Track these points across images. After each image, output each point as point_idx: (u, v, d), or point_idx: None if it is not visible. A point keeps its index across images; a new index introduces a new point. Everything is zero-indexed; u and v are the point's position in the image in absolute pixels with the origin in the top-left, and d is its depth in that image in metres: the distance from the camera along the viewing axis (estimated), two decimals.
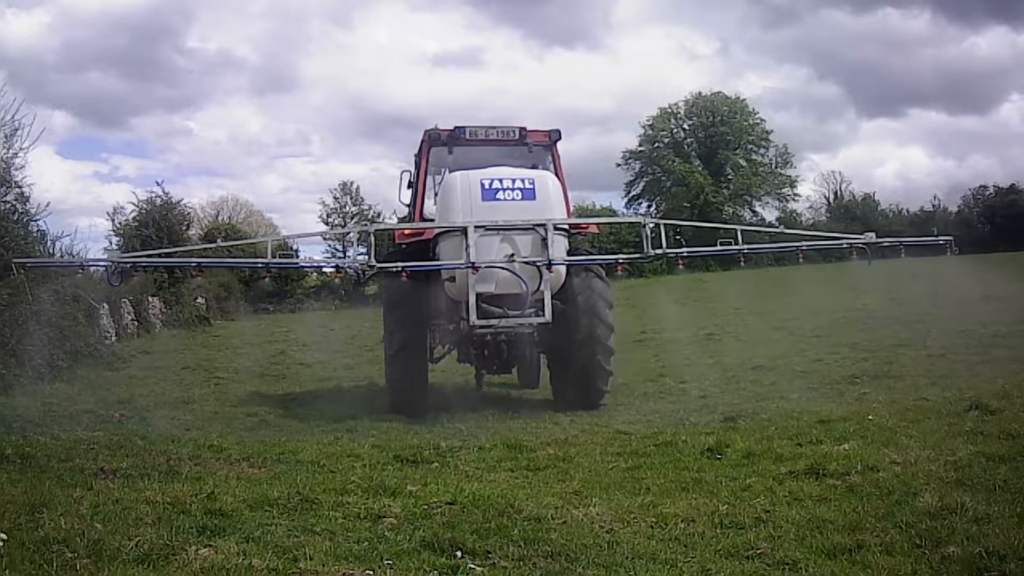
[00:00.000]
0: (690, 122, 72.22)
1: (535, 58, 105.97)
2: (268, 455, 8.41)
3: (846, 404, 11.31)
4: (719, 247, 12.77)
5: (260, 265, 12.67)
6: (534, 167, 12.98)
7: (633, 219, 15.38)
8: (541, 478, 7.35)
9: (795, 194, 71.69)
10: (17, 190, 19.23)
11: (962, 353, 14.93)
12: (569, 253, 12.30)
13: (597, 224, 15.74)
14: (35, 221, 19.76)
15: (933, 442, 7.80)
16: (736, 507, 6.21)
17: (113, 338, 27.29)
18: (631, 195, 72.88)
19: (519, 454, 8.42)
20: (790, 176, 71.77)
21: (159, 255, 16.55)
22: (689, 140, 72.33)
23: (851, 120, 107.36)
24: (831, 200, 72.05)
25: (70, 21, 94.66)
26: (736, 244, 12.65)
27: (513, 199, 11.85)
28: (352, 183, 69.93)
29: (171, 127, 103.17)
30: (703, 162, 70.28)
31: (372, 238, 11.83)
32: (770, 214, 71.24)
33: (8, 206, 18.78)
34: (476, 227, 11.43)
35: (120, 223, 37.27)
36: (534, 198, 11.90)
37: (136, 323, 31.03)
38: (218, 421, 11.66)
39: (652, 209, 71.59)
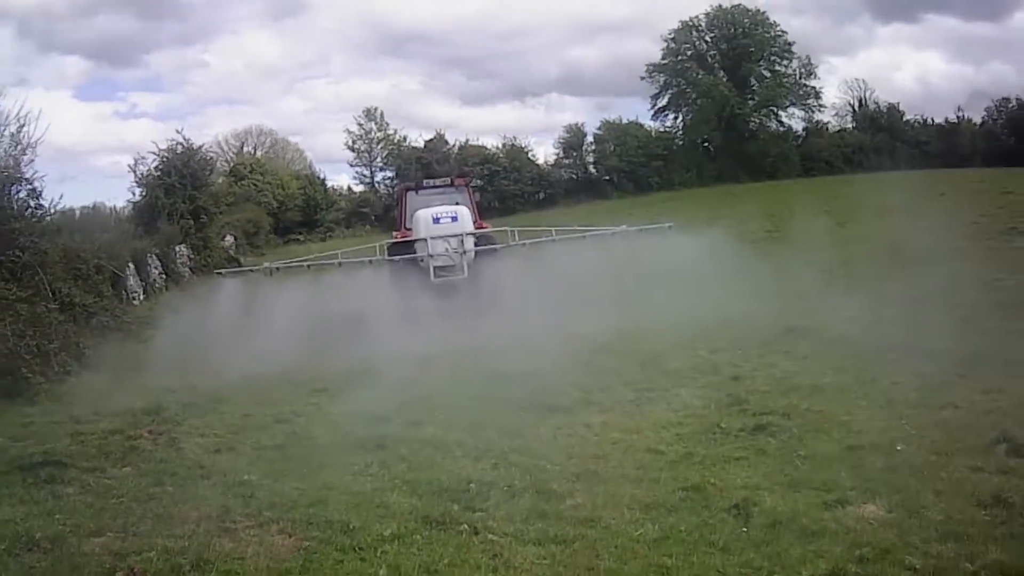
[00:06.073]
0: (712, 35, 71.47)
1: None
2: (297, 509, 8.34)
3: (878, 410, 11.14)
4: (532, 239, 23.77)
5: (336, 263, 23.06)
6: (458, 203, 22.97)
7: (499, 229, 25.32)
8: (568, 555, 7.24)
9: (820, 105, 71.95)
10: (29, 186, 19.11)
11: None
12: (477, 242, 22.15)
13: (492, 230, 25.03)
14: (50, 216, 19.71)
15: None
16: None
17: (141, 297, 27.26)
18: (656, 107, 72.51)
19: (547, 504, 8.29)
20: (815, 87, 71.73)
21: (295, 262, 24.60)
22: (712, 52, 71.65)
23: (867, 24, 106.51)
24: (856, 108, 71.50)
25: None
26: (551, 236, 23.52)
27: (447, 222, 21.73)
28: (376, 109, 70.20)
29: (186, 61, 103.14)
30: (727, 74, 69.99)
31: (386, 246, 23.70)
32: (797, 124, 72.12)
33: (21, 203, 18.67)
34: (432, 237, 21.56)
35: (142, 173, 36.95)
36: (457, 221, 21.76)
37: (164, 276, 30.98)
38: (248, 434, 11.58)
39: (679, 121, 71.40)
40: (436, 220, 21.84)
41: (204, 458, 10.53)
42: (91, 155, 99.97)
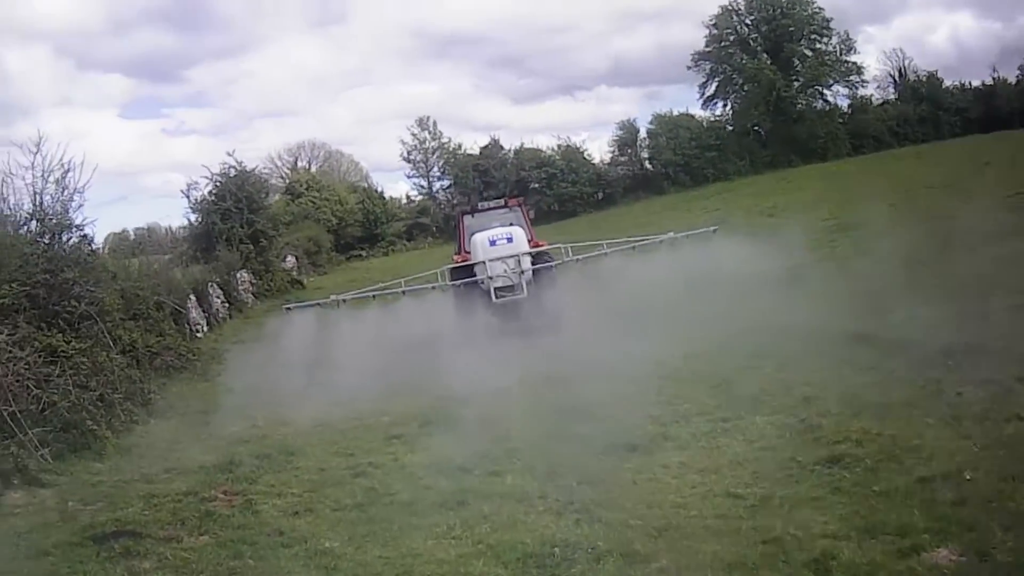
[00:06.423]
0: (752, 17, 71.52)
1: None
2: None
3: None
4: (584, 254, 24.68)
5: (401, 291, 24.45)
6: (512, 224, 24.31)
7: (553, 246, 25.23)
8: None
9: (862, 80, 71.96)
10: (80, 232, 19.12)
11: None
12: (533, 261, 23.40)
13: (547, 247, 25.21)
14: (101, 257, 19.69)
15: None
16: None
17: (205, 329, 27.27)
18: (705, 96, 72.56)
19: (632, 569, 8.19)
20: (856, 63, 71.79)
21: (361, 293, 25.71)
22: (754, 35, 71.72)
23: None
24: (897, 79, 72.28)
25: None
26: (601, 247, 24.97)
27: (503, 243, 23.06)
28: (428, 117, 70.47)
29: (229, 74, 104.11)
30: (770, 56, 70.07)
31: (447, 271, 24.46)
32: (842, 101, 72.39)
33: (72, 249, 18.65)
34: (490, 259, 22.74)
35: (196, 199, 37.17)
36: (512, 242, 23.09)
37: (227, 305, 31.05)
38: (326, 492, 11.56)
39: (728, 108, 71.24)
40: (492, 243, 23.16)
41: (283, 522, 10.46)
42: (142, 174, 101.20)
